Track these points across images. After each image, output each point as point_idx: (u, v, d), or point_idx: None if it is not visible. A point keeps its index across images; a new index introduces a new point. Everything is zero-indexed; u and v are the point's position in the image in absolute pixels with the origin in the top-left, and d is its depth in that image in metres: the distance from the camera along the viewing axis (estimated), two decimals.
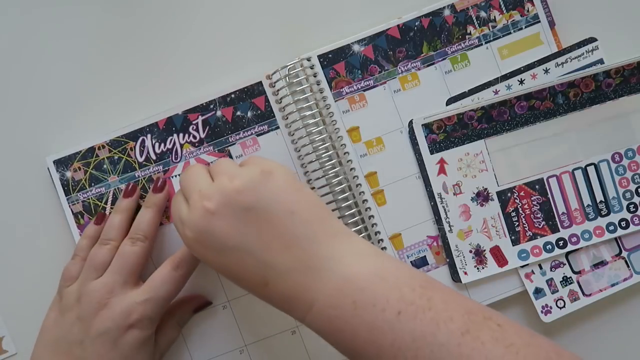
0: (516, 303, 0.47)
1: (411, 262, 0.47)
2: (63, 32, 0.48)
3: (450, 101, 0.47)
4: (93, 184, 0.47)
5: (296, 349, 0.47)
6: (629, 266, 0.47)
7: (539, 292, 0.47)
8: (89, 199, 0.47)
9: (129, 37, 0.48)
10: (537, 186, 0.47)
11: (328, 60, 0.47)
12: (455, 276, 0.47)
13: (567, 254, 0.47)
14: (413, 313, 0.33)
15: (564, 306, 0.47)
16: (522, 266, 0.47)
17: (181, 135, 0.47)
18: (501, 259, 0.47)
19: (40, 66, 0.48)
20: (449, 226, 0.47)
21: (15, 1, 0.48)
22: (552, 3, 0.47)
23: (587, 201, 0.47)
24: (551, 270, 0.47)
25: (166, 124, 0.47)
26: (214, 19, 0.48)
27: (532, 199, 0.47)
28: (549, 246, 0.47)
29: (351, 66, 0.47)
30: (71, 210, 0.47)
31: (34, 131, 0.48)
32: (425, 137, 0.47)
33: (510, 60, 0.47)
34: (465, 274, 0.46)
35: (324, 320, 0.35)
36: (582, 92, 0.46)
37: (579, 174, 0.47)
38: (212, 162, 0.46)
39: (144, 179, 0.47)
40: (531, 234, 0.47)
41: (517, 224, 0.47)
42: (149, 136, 0.47)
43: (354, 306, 0.34)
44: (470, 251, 0.47)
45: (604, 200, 0.47)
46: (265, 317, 0.47)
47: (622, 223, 0.47)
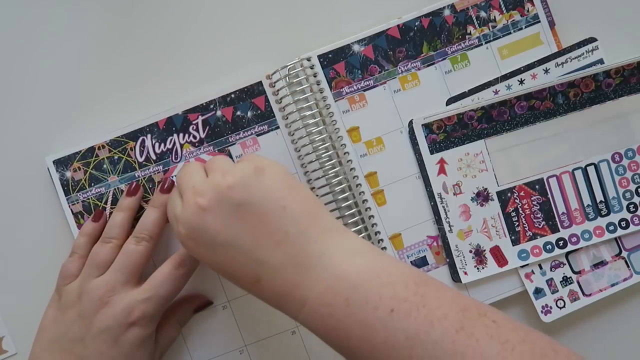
0: (516, 303, 0.47)
1: (411, 262, 0.47)
2: (63, 32, 0.48)
3: (450, 101, 0.47)
4: (93, 184, 0.47)
5: (296, 349, 0.47)
6: (629, 266, 0.47)
7: (539, 292, 0.47)
8: (88, 199, 0.47)
9: (129, 37, 0.48)
10: (537, 186, 0.47)
11: (328, 60, 0.47)
12: (455, 276, 0.47)
13: (567, 254, 0.47)
14: (406, 311, 0.33)
15: (564, 306, 0.47)
16: (522, 266, 0.47)
17: (181, 135, 0.47)
18: (501, 259, 0.47)
19: (41, 66, 0.48)
20: (449, 226, 0.47)
21: (15, 1, 0.48)
22: (552, 3, 0.47)
23: (587, 201, 0.47)
24: (551, 270, 0.47)
25: (166, 124, 0.47)
26: (214, 19, 0.48)
27: (532, 199, 0.47)
28: (549, 246, 0.47)
29: (351, 66, 0.47)
30: (71, 210, 0.47)
31: (34, 131, 0.48)
32: (425, 137, 0.47)
33: (510, 60, 0.47)
34: (465, 274, 0.46)
35: (316, 318, 0.35)
36: (582, 92, 0.46)
37: (579, 174, 0.47)
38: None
39: (144, 179, 0.47)
40: (531, 234, 0.47)
41: (517, 224, 0.47)
42: (149, 136, 0.47)
43: (346, 304, 0.33)
44: (470, 251, 0.47)
45: (604, 200, 0.47)
46: (265, 317, 0.47)
47: (622, 223, 0.47)
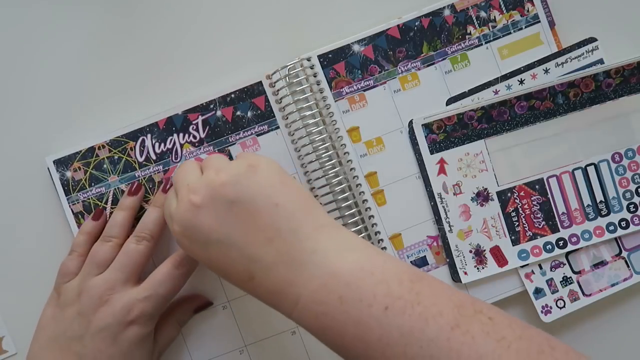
0: (516, 303, 0.47)
1: (411, 262, 0.47)
2: (63, 31, 0.48)
3: (450, 101, 0.47)
4: (93, 183, 0.47)
5: (296, 349, 0.47)
6: (629, 266, 0.47)
7: (539, 292, 0.47)
8: (89, 198, 0.47)
9: (129, 37, 0.48)
10: (537, 186, 0.47)
11: (328, 60, 0.47)
12: (455, 276, 0.47)
13: (567, 254, 0.47)
14: (401, 308, 0.32)
15: (564, 306, 0.47)
16: (522, 266, 0.47)
17: (181, 135, 0.47)
18: (501, 259, 0.47)
19: (41, 66, 0.48)
20: (449, 226, 0.47)
21: (15, 1, 0.48)
22: (552, 3, 0.47)
23: (587, 201, 0.47)
24: (551, 270, 0.47)
25: (166, 124, 0.47)
26: (214, 19, 0.48)
27: (532, 199, 0.47)
28: (549, 246, 0.47)
29: (351, 66, 0.47)
30: (71, 210, 0.47)
31: (34, 131, 0.48)
32: (425, 137, 0.47)
33: (510, 60, 0.47)
34: (465, 274, 0.46)
35: (310, 316, 0.34)
36: (582, 92, 0.46)
37: (579, 174, 0.47)
38: None
39: (144, 178, 0.47)
40: (531, 234, 0.47)
41: (517, 224, 0.47)
42: (149, 136, 0.47)
43: (340, 302, 0.33)
44: (470, 251, 0.47)
45: (604, 200, 0.47)
46: (265, 318, 0.47)
47: (622, 223, 0.47)
